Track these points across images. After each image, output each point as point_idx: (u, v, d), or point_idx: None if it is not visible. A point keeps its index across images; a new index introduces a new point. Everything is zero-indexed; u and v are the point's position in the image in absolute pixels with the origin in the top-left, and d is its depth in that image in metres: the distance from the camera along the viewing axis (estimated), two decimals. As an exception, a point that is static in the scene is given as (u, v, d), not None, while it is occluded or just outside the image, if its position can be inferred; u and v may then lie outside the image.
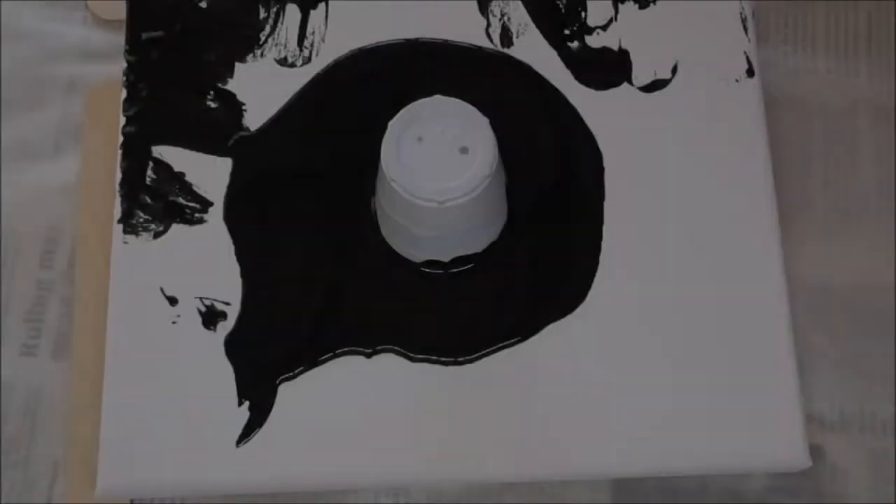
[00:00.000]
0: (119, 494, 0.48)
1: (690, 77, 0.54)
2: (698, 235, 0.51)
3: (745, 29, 0.54)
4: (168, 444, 0.48)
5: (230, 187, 0.52)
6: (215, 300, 0.50)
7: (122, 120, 0.53)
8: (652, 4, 0.55)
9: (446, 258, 0.50)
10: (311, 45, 0.54)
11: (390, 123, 0.46)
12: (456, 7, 0.55)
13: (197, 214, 0.51)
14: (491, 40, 0.54)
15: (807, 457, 0.48)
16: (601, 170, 0.52)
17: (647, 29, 0.55)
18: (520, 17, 0.55)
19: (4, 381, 0.51)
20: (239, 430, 0.48)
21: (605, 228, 0.51)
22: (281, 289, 0.50)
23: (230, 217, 0.51)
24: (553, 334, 0.50)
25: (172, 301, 0.50)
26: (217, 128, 0.53)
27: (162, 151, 0.52)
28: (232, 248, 0.51)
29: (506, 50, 0.54)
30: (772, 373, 0.49)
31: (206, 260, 0.51)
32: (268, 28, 0.55)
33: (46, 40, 0.56)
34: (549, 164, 0.52)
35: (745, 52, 0.54)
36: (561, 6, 0.55)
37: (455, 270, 0.50)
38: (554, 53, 0.54)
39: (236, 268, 0.50)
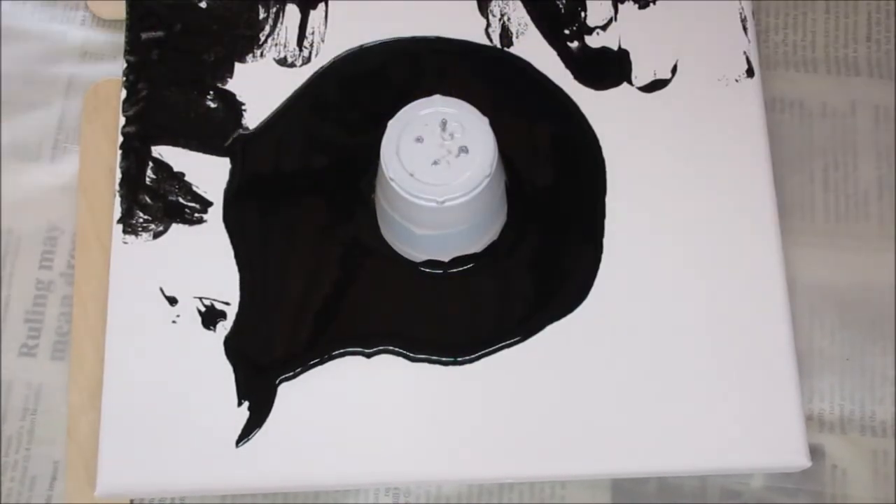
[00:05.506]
0: (119, 494, 0.48)
1: (690, 77, 0.54)
2: (698, 235, 0.51)
3: (745, 29, 0.54)
4: (168, 444, 0.48)
5: (229, 187, 0.52)
6: (215, 300, 0.50)
7: (122, 120, 0.53)
8: (652, 4, 0.55)
9: (446, 258, 0.50)
10: (311, 45, 0.54)
11: (389, 123, 0.46)
12: (456, 7, 0.55)
13: (196, 214, 0.51)
14: (491, 40, 0.54)
15: (807, 457, 0.48)
16: (601, 170, 0.52)
17: (647, 29, 0.55)
18: (520, 17, 0.55)
19: (4, 381, 0.51)
20: (239, 430, 0.48)
21: (604, 228, 0.51)
22: (280, 289, 0.50)
23: (229, 217, 0.51)
24: (553, 334, 0.50)
25: (172, 301, 0.50)
26: (217, 128, 0.53)
27: (162, 151, 0.52)
28: (231, 248, 0.51)
29: (506, 49, 0.54)
30: (772, 373, 0.49)
31: (205, 260, 0.51)
32: (268, 28, 0.55)
33: (46, 40, 0.56)
34: (549, 164, 0.52)
35: (745, 52, 0.54)
36: (561, 6, 0.55)
37: (455, 270, 0.50)
38: (554, 53, 0.54)
39: (236, 268, 0.50)
